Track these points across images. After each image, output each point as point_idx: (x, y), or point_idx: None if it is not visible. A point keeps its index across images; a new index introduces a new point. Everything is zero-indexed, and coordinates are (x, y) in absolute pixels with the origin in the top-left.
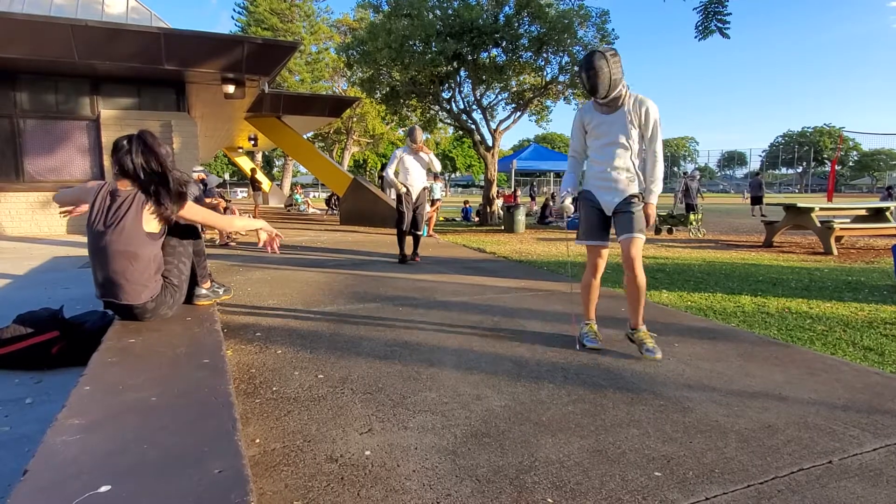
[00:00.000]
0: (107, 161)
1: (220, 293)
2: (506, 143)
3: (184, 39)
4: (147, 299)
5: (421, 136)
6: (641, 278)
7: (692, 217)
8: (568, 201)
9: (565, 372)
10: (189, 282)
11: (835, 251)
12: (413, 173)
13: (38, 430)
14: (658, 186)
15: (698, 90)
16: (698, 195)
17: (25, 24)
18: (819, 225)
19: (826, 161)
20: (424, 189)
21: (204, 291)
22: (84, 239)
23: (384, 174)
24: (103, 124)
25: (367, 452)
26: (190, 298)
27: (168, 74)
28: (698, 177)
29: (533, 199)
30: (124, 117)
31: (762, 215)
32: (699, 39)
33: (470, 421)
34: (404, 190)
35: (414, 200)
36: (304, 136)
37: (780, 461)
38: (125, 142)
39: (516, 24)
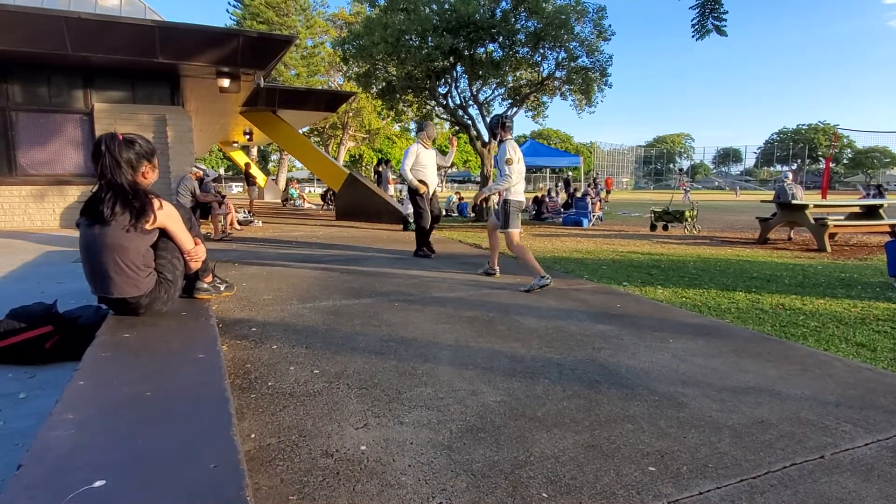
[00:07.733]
0: None
1: (222, 289)
2: None
3: (178, 32)
4: (139, 294)
5: (434, 131)
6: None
7: (687, 213)
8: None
9: (560, 367)
10: (192, 275)
11: (828, 248)
12: (429, 169)
13: (32, 424)
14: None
15: (694, 86)
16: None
17: (18, 15)
18: (813, 222)
19: (821, 158)
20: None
21: (205, 286)
22: (77, 233)
23: (401, 171)
24: (97, 118)
25: (363, 447)
26: (191, 291)
27: (162, 68)
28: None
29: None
30: (118, 111)
31: None
32: (696, 39)
33: (465, 416)
34: (424, 189)
35: (430, 195)
36: (300, 131)
37: (772, 456)
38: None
39: (513, 20)
